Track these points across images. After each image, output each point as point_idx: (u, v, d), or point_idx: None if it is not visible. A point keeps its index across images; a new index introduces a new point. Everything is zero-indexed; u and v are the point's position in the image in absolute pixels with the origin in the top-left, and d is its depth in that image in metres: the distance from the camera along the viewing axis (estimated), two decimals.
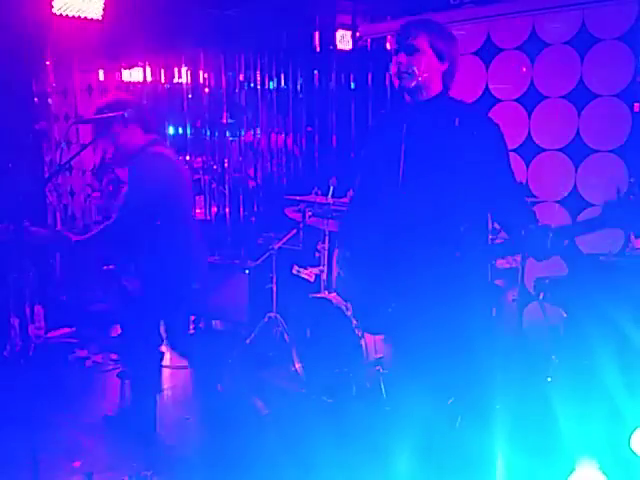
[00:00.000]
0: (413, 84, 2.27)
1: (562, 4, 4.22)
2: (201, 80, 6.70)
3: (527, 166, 4.44)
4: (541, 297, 3.89)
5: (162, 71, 6.83)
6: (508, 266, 3.96)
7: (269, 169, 6.69)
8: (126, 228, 3.24)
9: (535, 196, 4.28)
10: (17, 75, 5.12)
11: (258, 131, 6.69)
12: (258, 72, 6.57)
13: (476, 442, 2.45)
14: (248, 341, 4.63)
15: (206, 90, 6.55)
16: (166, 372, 4.54)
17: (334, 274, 2.61)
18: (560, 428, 3.05)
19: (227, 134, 6.66)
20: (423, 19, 2.34)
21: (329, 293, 4.18)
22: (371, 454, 3.16)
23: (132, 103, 4.35)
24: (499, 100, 4.57)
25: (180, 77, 6.86)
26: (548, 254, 2.10)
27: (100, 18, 5.22)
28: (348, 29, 6.20)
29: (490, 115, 2.43)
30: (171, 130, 7.18)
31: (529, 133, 4.43)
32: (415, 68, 2.25)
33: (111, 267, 3.72)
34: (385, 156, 2.38)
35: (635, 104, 4.05)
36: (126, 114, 3.09)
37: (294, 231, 4.85)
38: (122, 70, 6.33)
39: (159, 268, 3.28)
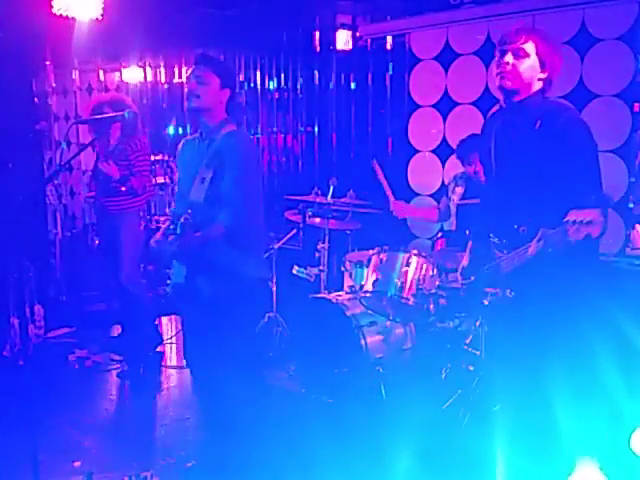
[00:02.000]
0: (510, 85, 2.38)
1: (562, 4, 4.21)
2: None
3: None
4: None
5: (162, 71, 6.83)
6: None
7: (269, 169, 6.70)
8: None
9: None
10: (17, 75, 5.12)
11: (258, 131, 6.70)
12: (258, 72, 6.57)
13: (476, 442, 2.45)
14: None
15: None
16: (166, 372, 4.54)
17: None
18: (560, 428, 3.05)
19: None
20: (533, 27, 2.46)
21: (329, 293, 4.18)
22: (371, 454, 3.16)
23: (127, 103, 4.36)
24: (499, 100, 4.56)
25: (180, 77, 6.86)
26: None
27: (100, 18, 5.22)
28: (348, 29, 6.19)
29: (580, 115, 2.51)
30: (171, 130, 7.19)
31: None
32: (520, 71, 2.36)
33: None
34: (484, 156, 2.58)
35: (635, 104, 4.05)
36: (126, 114, 3.08)
37: (294, 231, 4.85)
38: (122, 70, 6.33)
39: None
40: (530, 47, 2.35)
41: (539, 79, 2.43)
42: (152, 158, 4.55)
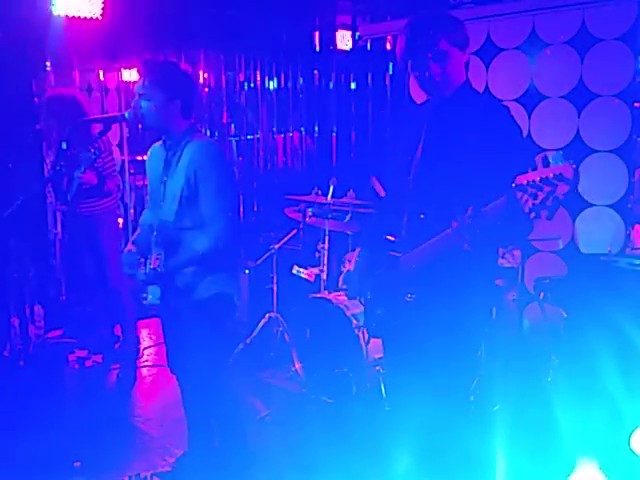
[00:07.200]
0: (444, 87, 2.26)
1: (562, 4, 4.22)
2: (201, 80, 6.71)
3: None
4: (541, 297, 3.89)
5: None
6: (508, 265, 3.96)
7: (269, 169, 6.70)
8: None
9: None
10: (17, 75, 5.11)
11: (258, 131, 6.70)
12: (258, 72, 6.57)
13: (476, 442, 2.45)
14: (248, 341, 4.63)
15: (206, 90, 6.56)
16: (166, 372, 4.54)
17: (347, 268, 2.57)
18: (560, 428, 3.05)
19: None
20: (431, 18, 2.31)
21: (329, 293, 4.18)
22: (371, 454, 3.16)
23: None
24: (499, 100, 4.56)
25: None
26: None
27: (100, 18, 5.22)
28: (348, 29, 6.20)
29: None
30: None
31: (529, 133, 4.43)
32: (448, 72, 2.25)
33: None
34: (403, 156, 2.37)
35: (635, 104, 4.06)
36: (127, 114, 3.07)
37: (294, 231, 4.85)
38: (122, 70, 6.33)
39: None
40: (445, 44, 2.29)
41: (463, 63, 2.42)
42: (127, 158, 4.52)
